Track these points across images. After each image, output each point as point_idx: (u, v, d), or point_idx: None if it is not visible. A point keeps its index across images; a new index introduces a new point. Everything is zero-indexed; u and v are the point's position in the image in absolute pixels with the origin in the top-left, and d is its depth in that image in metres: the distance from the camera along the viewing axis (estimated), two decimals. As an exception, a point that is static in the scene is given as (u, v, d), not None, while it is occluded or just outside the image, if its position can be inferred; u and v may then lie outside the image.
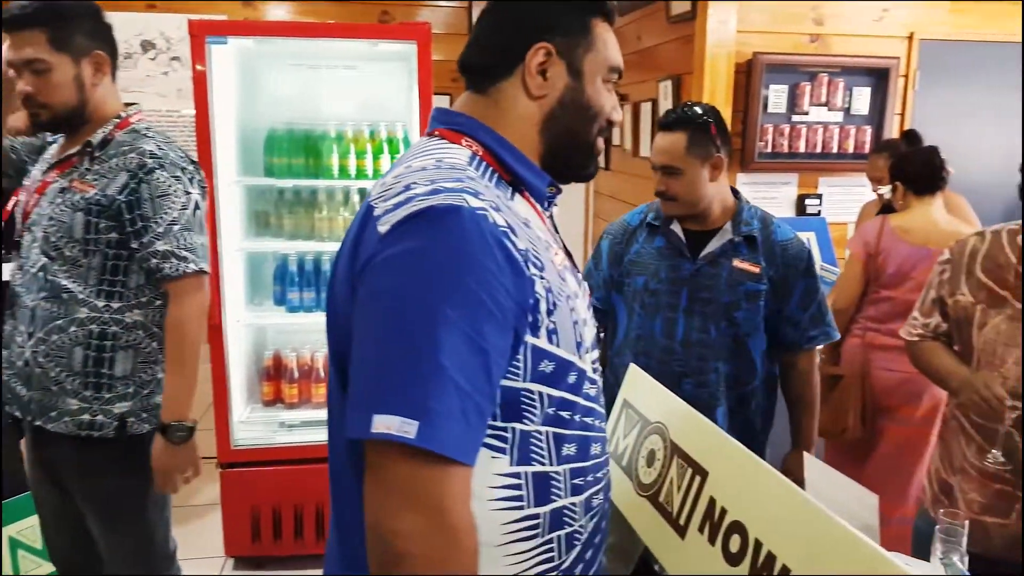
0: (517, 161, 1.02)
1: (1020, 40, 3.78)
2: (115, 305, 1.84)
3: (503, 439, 0.92)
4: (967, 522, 1.47)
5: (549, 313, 0.92)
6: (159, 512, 1.98)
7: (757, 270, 1.99)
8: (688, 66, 3.63)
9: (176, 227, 1.83)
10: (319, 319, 2.87)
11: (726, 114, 3.49)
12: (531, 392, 0.93)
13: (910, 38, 3.74)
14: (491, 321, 0.84)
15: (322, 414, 2.95)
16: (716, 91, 3.49)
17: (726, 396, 2.01)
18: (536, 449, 0.95)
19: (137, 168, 1.81)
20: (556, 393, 0.95)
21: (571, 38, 1.02)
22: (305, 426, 2.92)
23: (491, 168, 1.00)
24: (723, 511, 1.16)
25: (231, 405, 2.81)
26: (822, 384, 2.83)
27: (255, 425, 2.93)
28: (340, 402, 0.94)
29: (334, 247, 2.90)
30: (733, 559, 1.11)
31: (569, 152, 1.07)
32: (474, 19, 4.22)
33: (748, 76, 3.63)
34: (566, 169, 1.08)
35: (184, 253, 1.83)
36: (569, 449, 0.98)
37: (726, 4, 3.42)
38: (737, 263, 2.00)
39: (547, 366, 0.93)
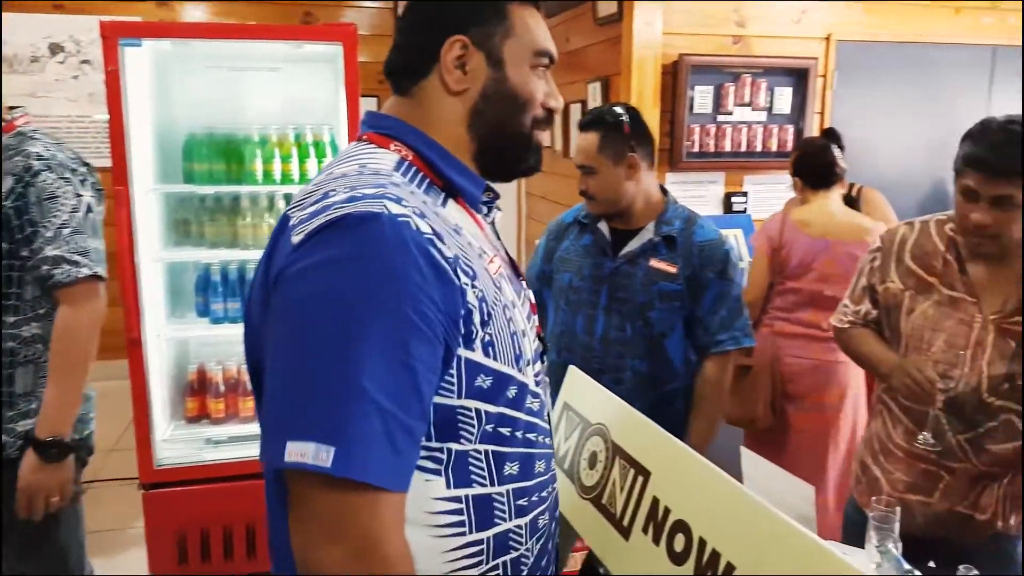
0: (448, 165, 0.98)
1: (940, 41, 3.94)
2: (11, 319, 1.74)
3: (438, 460, 0.86)
4: (898, 509, 1.50)
5: (484, 324, 0.87)
6: (71, 534, 1.87)
7: (674, 270, 2.01)
8: (616, 67, 3.65)
9: (66, 231, 1.74)
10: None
11: (653, 115, 3.53)
12: (467, 409, 0.87)
13: (827, 39, 3.85)
14: (416, 335, 0.79)
15: (250, 429, 2.86)
16: (644, 92, 3.52)
17: (643, 395, 2.01)
18: (475, 470, 0.90)
19: (23, 172, 1.72)
20: (494, 409, 0.90)
21: (487, 27, 0.98)
22: (233, 442, 2.81)
23: (421, 173, 0.96)
24: (667, 510, 1.14)
25: (153, 423, 2.68)
26: (732, 374, 2.90)
27: (179, 443, 2.80)
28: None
29: (259, 255, 2.80)
30: (678, 558, 1.09)
31: (502, 146, 1.02)
32: (400, 20, 4.21)
33: (674, 77, 3.68)
34: (503, 165, 1.03)
35: (76, 257, 1.74)
36: (511, 468, 0.93)
37: (651, 6, 3.46)
38: (654, 263, 2.02)
39: (484, 381, 0.88)
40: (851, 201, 3.35)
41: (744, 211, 3.87)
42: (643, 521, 1.18)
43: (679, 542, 1.10)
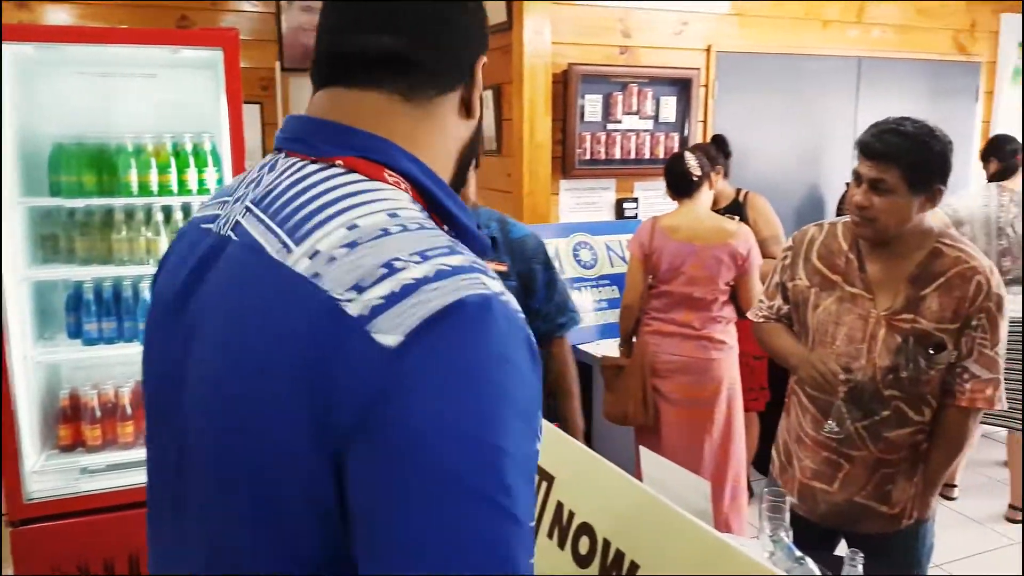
0: (457, 204, 0.78)
1: (810, 53, 4.15)
2: None
3: None
4: (788, 499, 1.56)
5: None
6: None
7: (504, 268, 2.06)
8: (508, 76, 3.67)
9: None
10: (122, 351, 2.64)
11: (545, 123, 3.58)
12: None
13: (708, 50, 4.01)
14: (531, 436, 0.64)
15: (130, 455, 2.69)
16: (536, 100, 3.56)
17: None
18: None
19: None
20: None
21: (485, 49, 0.84)
22: (112, 470, 2.63)
23: (427, 215, 0.73)
24: (571, 514, 1.14)
25: (21, 454, 2.48)
26: (608, 373, 3.01)
27: (52, 474, 2.60)
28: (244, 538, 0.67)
29: (136, 271, 2.64)
30: (583, 561, 1.09)
31: (461, 180, 0.87)
32: (284, 25, 4.10)
33: (565, 86, 3.73)
34: None
35: None
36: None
37: (540, 15, 3.50)
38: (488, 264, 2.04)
39: None
40: (738, 206, 3.49)
41: (635, 216, 3.96)
42: (548, 526, 1.17)
43: (584, 545, 1.09)
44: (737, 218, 3.15)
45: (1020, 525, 3.41)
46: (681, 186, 2.93)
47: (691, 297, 2.88)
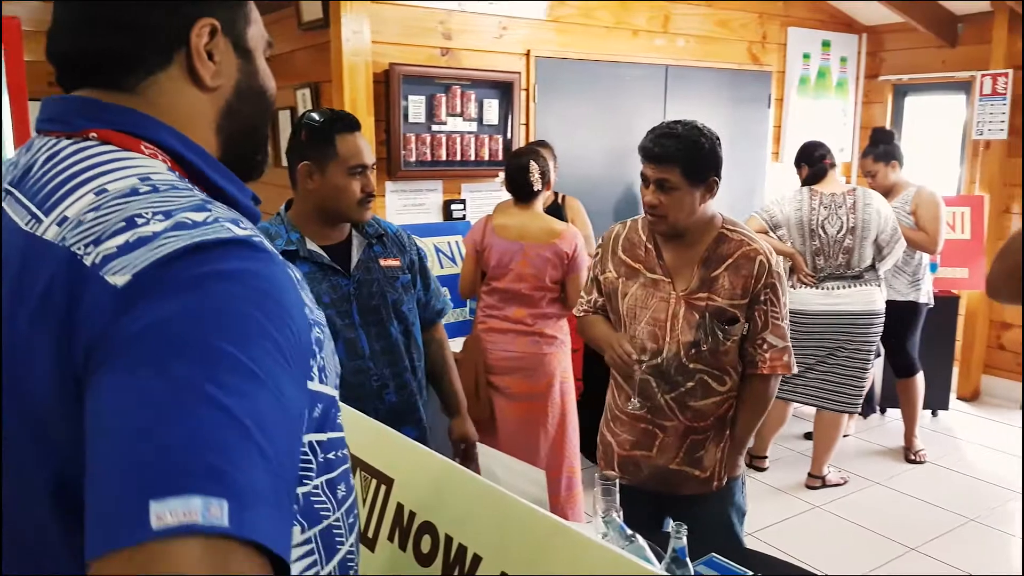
0: (220, 174, 0.79)
1: (622, 60, 4.35)
2: None
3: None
4: (618, 481, 1.63)
5: (320, 348, 0.75)
6: None
7: (399, 263, 2.07)
8: (326, 74, 3.57)
9: None
10: None
11: (368, 124, 3.51)
12: (305, 448, 0.74)
13: (527, 55, 4.11)
14: (289, 375, 0.64)
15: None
16: (357, 100, 3.48)
17: (420, 388, 2.11)
18: (319, 505, 0.77)
19: None
20: (324, 437, 0.78)
21: (231, 9, 0.81)
22: None
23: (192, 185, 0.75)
24: (412, 514, 1.11)
25: None
26: None
27: None
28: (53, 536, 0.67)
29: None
30: (425, 559, 1.07)
31: (248, 150, 0.87)
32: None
33: (387, 86, 3.68)
34: (241, 170, 0.86)
35: None
36: (341, 489, 0.82)
37: (359, 14, 3.43)
38: (383, 262, 2.04)
39: (317, 410, 0.75)
40: (557, 208, 3.61)
41: (463, 218, 3.99)
42: (388, 530, 1.14)
43: (426, 543, 1.07)
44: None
45: (818, 491, 3.77)
46: (522, 194, 3.02)
47: (520, 294, 2.97)
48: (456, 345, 3.38)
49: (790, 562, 2.56)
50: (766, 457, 4.04)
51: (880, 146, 4.05)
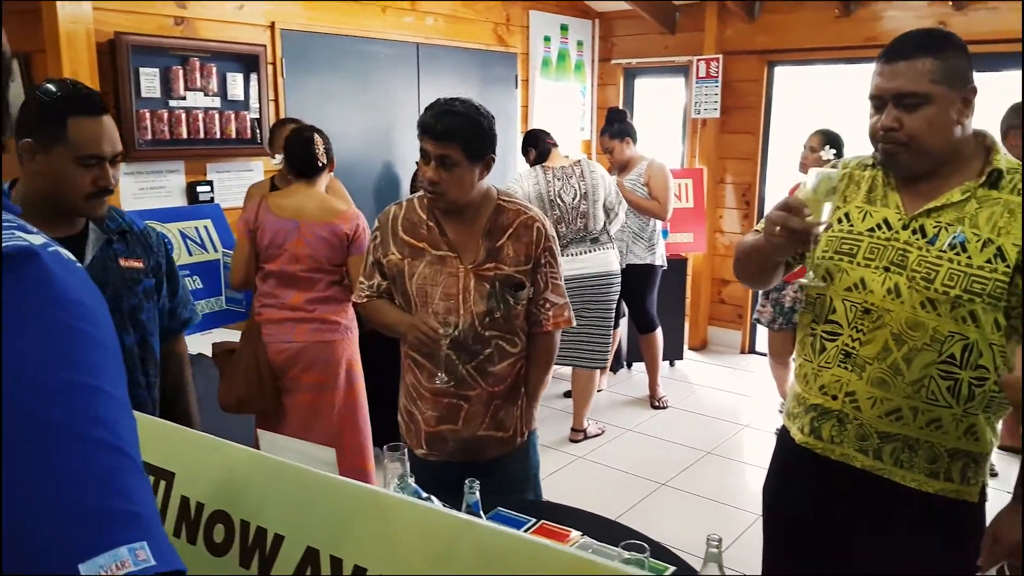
0: None
1: (373, 36, 4.29)
2: None
3: None
4: (406, 449, 1.64)
5: None
6: None
7: (142, 265, 1.86)
8: (38, 42, 3.15)
9: None
10: None
11: (95, 97, 3.15)
12: None
13: (272, 27, 3.92)
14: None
15: None
16: (78, 72, 3.12)
17: (155, 408, 1.90)
18: None
19: None
20: None
21: None
22: None
23: None
24: (200, 506, 1.04)
25: None
26: (221, 360, 2.90)
27: None
28: None
29: None
30: (219, 550, 1.01)
31: None
32: None
33: (113, 57, 3.33)
34: None
35: None
36: None
37: (74, -26, 3.06)
38: (124, 262, 1.82)
39: None
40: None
41: (211, 200, 3.73)
42: (174, 525, 1.05)
43: (219, 533, 1.01)
44: None
45: (580, 443, 4.06)
46: (306, 169, 2.86)
47: (296, 276, 2.81)
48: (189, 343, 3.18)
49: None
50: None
51: (615, 124, 4.40)
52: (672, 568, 1.59)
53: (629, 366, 5.24)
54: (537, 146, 4.06)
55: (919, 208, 1.55)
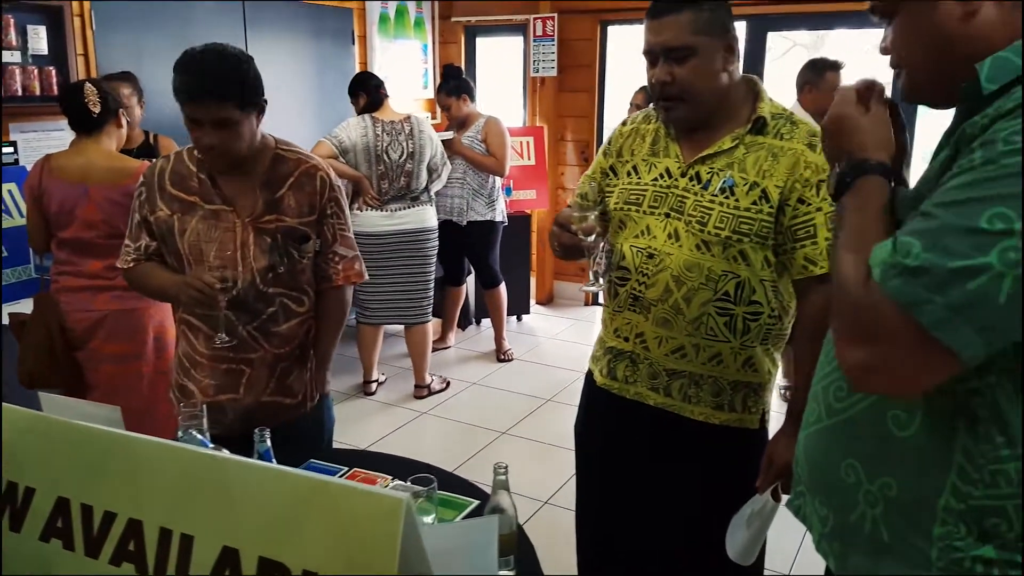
0: None
1: None
2: None
3: None
4: (204, 406, 1.63)
5: None
6: None
7: None
8: None
9: None
10: None
11: None
12: None
13: (76, -24, 3.65)
14: None
15: None
16: None
17: None
18: None
19: None
20: None
21: None
22: None
23: None
24: (29, 490, 1.00)
25: None
26: (16, 332, 2.73)
27: None
28: None
29: None
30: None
31: None
32: None
33: None
34: None
35: None
36: None
37: None
38: None
39: None
40: (149, 148, 3.34)
41: (16, 163, 3.48)
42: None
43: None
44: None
45: (425, 399, 4.13)
46: (81, 120, 2.66)
47: (93, 243, 2.67)
48: (25, 307, 3.00)
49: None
50: (375, 380, 4.28)
51: (451, 81, 4.41)
52: (475, 502, 1.67)
53: (478, 323, 5.34)
54: (368, 92, 3.98)
55: (695, 156, 1.67)
